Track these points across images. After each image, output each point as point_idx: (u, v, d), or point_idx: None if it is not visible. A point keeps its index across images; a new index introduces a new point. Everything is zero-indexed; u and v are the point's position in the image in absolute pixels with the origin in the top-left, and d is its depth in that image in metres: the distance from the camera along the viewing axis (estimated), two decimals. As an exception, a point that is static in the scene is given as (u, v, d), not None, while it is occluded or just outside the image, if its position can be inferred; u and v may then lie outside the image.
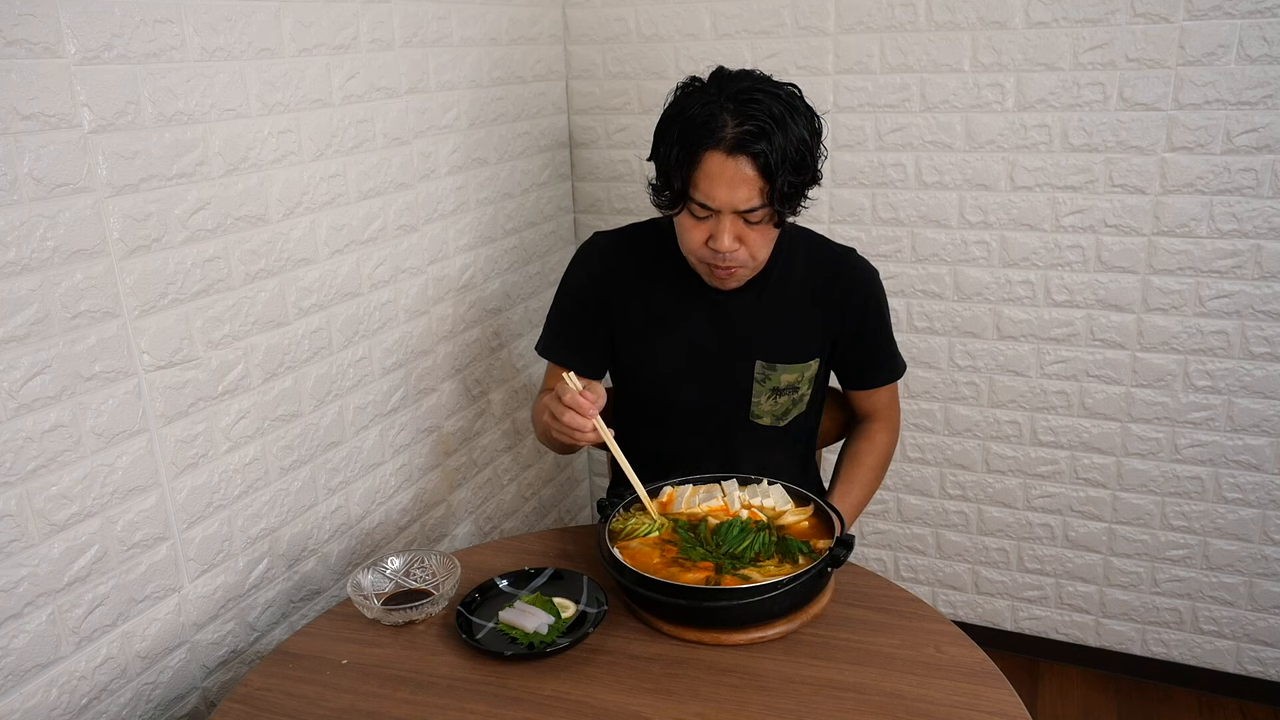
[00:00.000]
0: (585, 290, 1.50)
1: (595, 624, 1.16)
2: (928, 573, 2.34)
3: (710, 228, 1.29)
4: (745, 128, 1.21)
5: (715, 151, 1.23)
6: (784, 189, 1.24)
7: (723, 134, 1.22)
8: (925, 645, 1.13)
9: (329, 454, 1.60)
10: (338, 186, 1.54)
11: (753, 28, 2.07)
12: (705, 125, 1.23)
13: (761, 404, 1.46)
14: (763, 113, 1.22)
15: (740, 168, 1.22)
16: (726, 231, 1.27)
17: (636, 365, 1.51)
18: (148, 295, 1.23)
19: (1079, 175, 1.93)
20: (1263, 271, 1.86)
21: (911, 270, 2.11)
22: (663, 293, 1.46)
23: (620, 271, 1.48)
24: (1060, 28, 1.85)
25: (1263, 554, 2.02)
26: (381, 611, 1.21)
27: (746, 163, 1.22)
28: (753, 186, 1.23)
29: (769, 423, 1.47)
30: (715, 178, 1.24)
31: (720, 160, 1.23)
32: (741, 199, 1.24)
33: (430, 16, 1.73)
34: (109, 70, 1.15)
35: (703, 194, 1.25)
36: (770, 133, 1.21)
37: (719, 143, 1.22)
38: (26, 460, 1.11)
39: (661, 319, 1.46)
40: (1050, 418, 2.11)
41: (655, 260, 1.46)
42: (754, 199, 1.24)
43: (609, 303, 1.48)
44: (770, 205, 1.25)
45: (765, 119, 1.22)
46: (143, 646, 1.29)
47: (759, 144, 1.21)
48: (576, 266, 1.52)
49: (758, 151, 1.21)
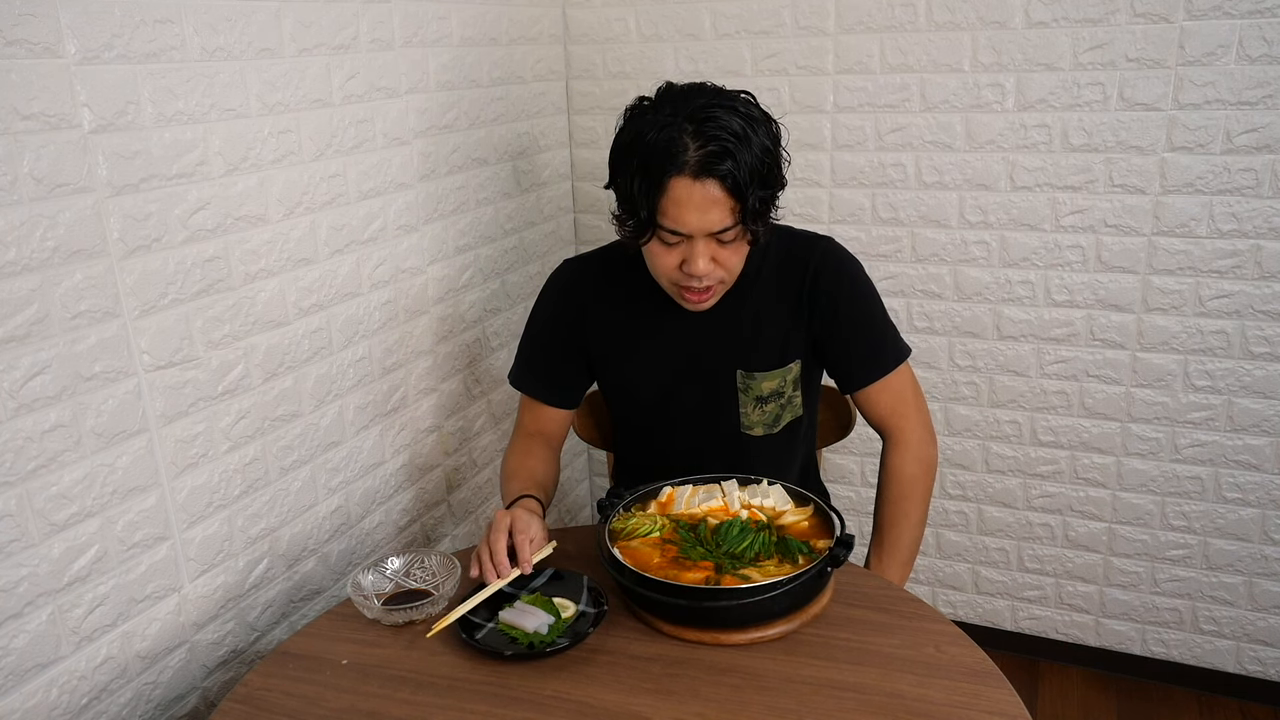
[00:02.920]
0: (556, 320, 1.47)
1: (595, 624, 1.16)
2: (928, 573, 2.34)
3: (682, 252, 1.25)
4: (709, 149, 1.17)
5: (681, 177, 1.19)
6: (754, 206, 1.21)
7: (685, 158, 1.18)
8: (925, 645, 1.13)
9: (329, 454, 1.60)
10: (338, 186, 1.54)
11: (753, 28, 2.07)
12: (666, 150, 1.19)
13: (750, 415, 1.43)
14: (724, 131, 1.18)
15: (708, 190, 1.19)
16: (700, 255, 1.24)
17: (620, 388, 1.49)
18: (148, 295, 1.23)
19: (1079, 175, 1.93)
20: (1263, 271, 1.86)
21: (911, 270, 2.11)
22: (636, 312, 1.43)
23: (591, 298, 1.45)
24: (1060, 28, 1.85)
25: (1263, 554, 2.03)
26: (381, 611, 1.21)
27: (714, 185, 1.19)
28: (723, 208, 1.20)
29: (761, 433, 1.45)
30: (684, 203, 1.20)
31: (687, 185, 1.19)
32: (713, 221, 1.21)
33: (430, 16, 1.73)
34: (109, 70, 1.15)
35: (672, 220, 1.22)
36: (735, 151, 1.18)
37: (683, 167, 1.18)
38: (26, 460, 1.11)
39: (638, 339, 1.44)
40: (1050, 418, 2.11)
41: (626, 281, 1.42)
42: (725, 219, 1.21)
43: (582, 331, 1.46)
44: (742, 223, 1.22)
45: (727, 137, 1.18)
46: (143, 646, 1.29)
47: (725, 164, 1.17)
48: (546, 297, 1.49)
49: (724, 173, 1.18)
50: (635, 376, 1.46)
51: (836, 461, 2.33)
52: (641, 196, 1.22)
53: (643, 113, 1.25)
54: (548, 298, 1.49)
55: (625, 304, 1.44)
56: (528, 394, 1.51)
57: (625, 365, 1.46)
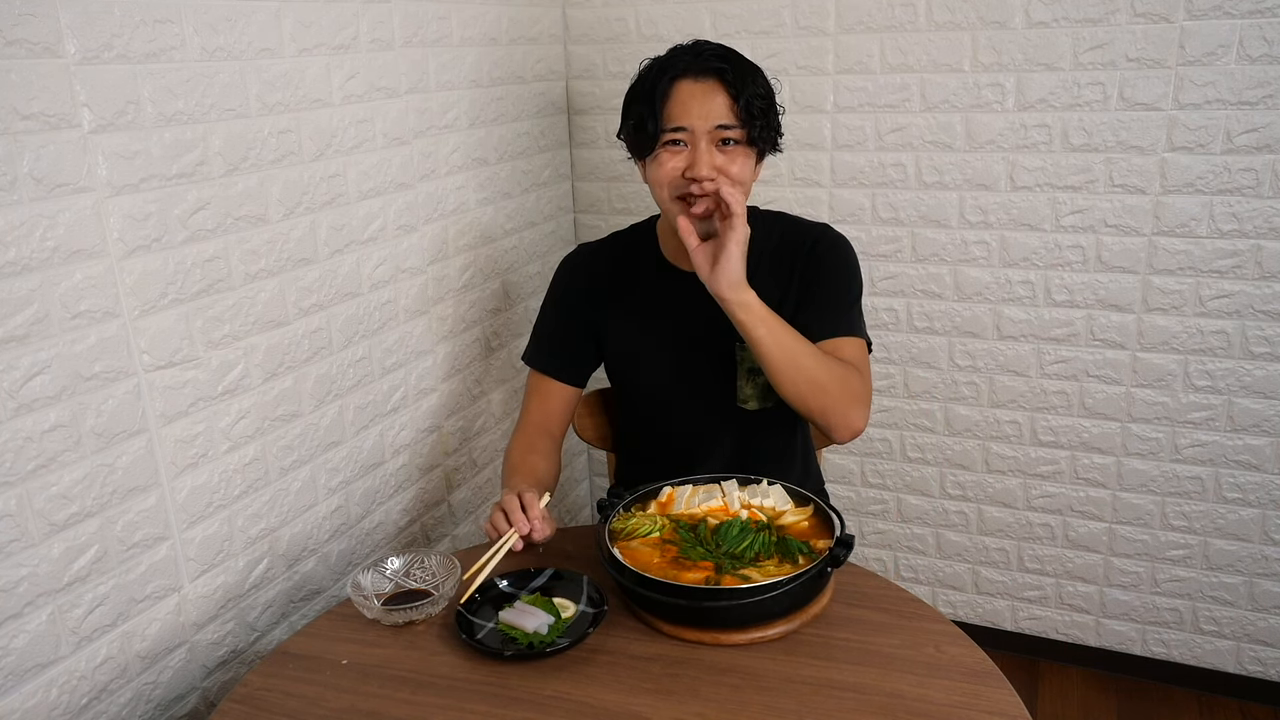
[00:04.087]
0: (569, 299, 1.55)
1: (595, 624, 1.16)
2: (928, 573, 2.34)
3: (687, 157, 1.32)
4: (704, 56, 1.32)
5: (683, 79, 1.32)
6: (752, 107, 1.30)
7: (689, 63, 1.32)
8: (925, 645, 1.13)
9: (329, 454, 1.60)
10: (338, 186, 1.54)
11: (753, 28, 2.07)
12: (671, 63, 1.33)
13: (744, 388, 1.47)
14: (719, 50, 1.34)
15: (709, 88, 1.31)
16: (703, 155, 1.31)
17: (625, 364, 1.55)
18: (148, 295, 1.23)
19: (1079, 175, 1.93)
20: (1263, 271, 1.86)
21: (911, 270, 2.11)
22: (644, 291, 1.51)
23: (603, 279, 1.53)
24: (1060, 28, 1.85)
25: (1263, 554, 2.02)
26: (381, 611, 1.21)
27: (714, 84, 1.31)
28: (724, 103, 1.31)
29: (755, 406, 1.48)
30: (687, 99, 1.31)
31: (689, 85, 1.32)
32: (716, 113, 1.30)
33: (430, 16, 1.73)
34: (109, 70, 1.15)
35: (676, 118, 1.31)
36: (730, 60, 1.32)
37: (685, 70, 1.32)
38: (26, 460, 1.11)
39: (646, 317, 1.50)
40: (1050, 418, 2.11)
41: (636, 263, 1.52)
42: (727, 115, 1.31)
43: (594, 311, 1.53)
44: (743, 125, 1.31)
45: (723, 54, 1.34)
46: (143, 646, 1.29)
47: (723, 64, 1.31)
48: (561, 277, 1.58)
49: (722, 69, 1.31)
50: (643, 352, 1.51)
51: (836, 461, 2.33)
52: (647, 110, 1.33)
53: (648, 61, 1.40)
54: (561, 277, 1.58)
55: (634, 284, 1.52)
56: (539, 369, 1.56)
57: (633, 342, 1.52)
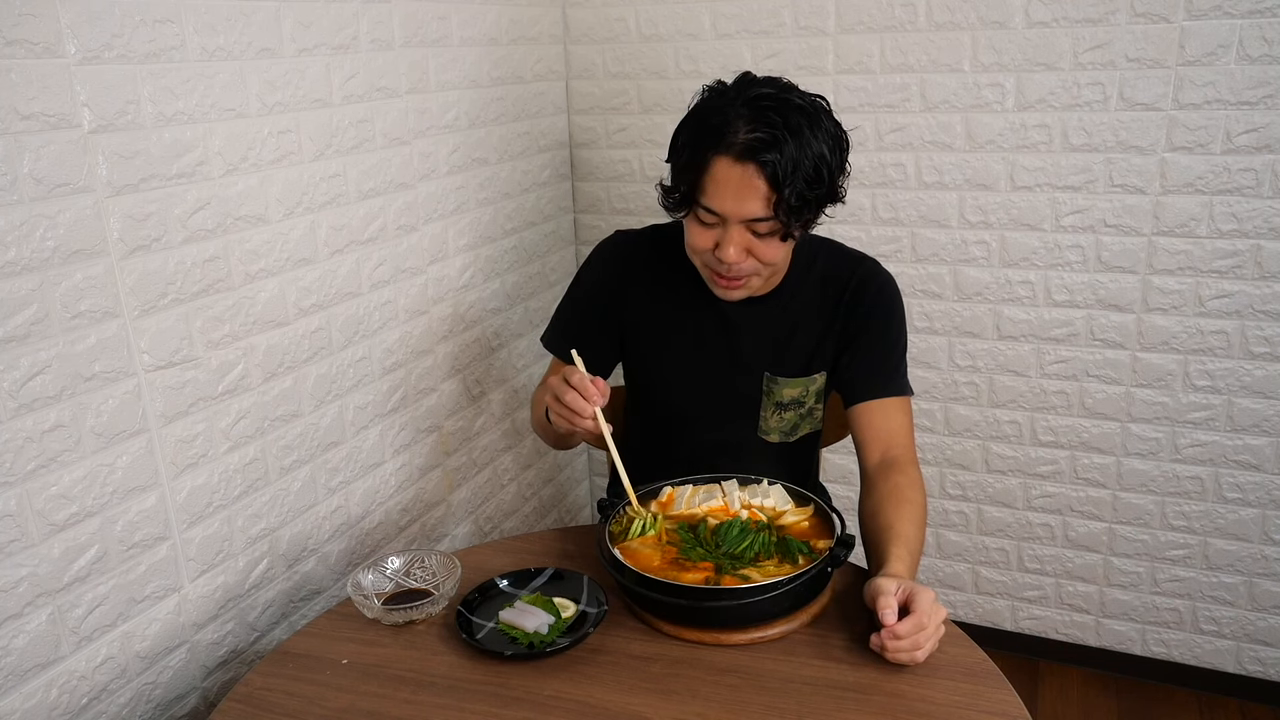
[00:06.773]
0: (600, 287, 1.46)
1: (595, 624, 1.16)
2: (928, 573, 2.34)
3: (717, 235, 1.25)
4: (756, 134, 1.17)
5: (724, 157, 1.19)
6: (792, 201, 1.18)
7: (733, 139, 1.18)
8: (925, 645, 1.12)
9: (329, 454, 1.60)
10: (338, 186, 1.54)
11: (753, 28, 2.07)
12: (717, 129, 1.19)
13: (769, 419, 1.43)
14: (778, 121, 1.17)
15: (748, 176, 1.18)
16: (733, 242, 1.23)
17: (645, 370, 1.49)
18: (148, 295, 1.23)
19: (1079, 175, 1.93)
20: (1263, 271, 1.86)
21: (911, 270, 2.11)
22: (677, 297, 1.42)
23: (637, 274, 1.44)
24: (1060, 28, 1.85)
25: (1263, 554, 2.03)
26: (381, 611, 1.21)
27: (754, 171, 1.18)
28: (760, 197, 1.19)
29: (776, 439, 1.45)
30: (722, 184, 1.20)
31: (728, 166, 1.19)
32: (748, 208, 1.20)
33: (430, 16, 1.73)
34: (109, 70, 1.15)
35: (709, 200, 1.22)
36: (782, 142, 1.16)
37: (728, 148, 1.18)
38: (26, 460, 1.11)
39: (672, 324, 1.43)
40: (1050, 418, 2.11)
41: (673, 264, 1.41)
42: (760, 210, 1.20)
43: (622, 304, 1.45)
44: (777, 218, 1.20)
45: (779, 128, 1.17)
46: (143, 646, 1.29)
47: (769, 153, 1.16)
48: (594, 262, 1.48)
49: (766, 160, 1.16)
50: (667, 363, 1.45)
51: (836, 461, 2.33)
52: (685, 171, 1.24)
53: (712, 93, 1.26)
54: (594, 264, 1.48)
55: (668, 288, 1.43)
56: (558, 354, 1.48)
57: (658, 350, 1.45)
